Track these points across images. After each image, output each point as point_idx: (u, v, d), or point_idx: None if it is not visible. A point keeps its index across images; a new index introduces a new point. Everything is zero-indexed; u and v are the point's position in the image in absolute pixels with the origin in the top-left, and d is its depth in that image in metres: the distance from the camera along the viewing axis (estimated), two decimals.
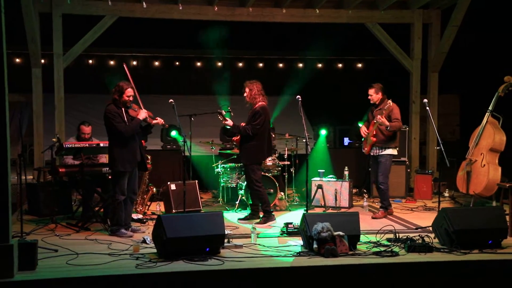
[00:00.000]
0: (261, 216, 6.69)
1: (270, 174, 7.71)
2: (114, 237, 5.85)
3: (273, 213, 6.70)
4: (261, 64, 13.20)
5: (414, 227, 6.38)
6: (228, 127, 6.74)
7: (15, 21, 7.88)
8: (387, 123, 6.83)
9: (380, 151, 7.07)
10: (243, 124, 6.63)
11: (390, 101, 6.82)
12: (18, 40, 8.63)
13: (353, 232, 5.24)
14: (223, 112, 6.69)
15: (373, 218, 6.96)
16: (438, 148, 6.54)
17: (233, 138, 6.97)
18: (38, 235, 5.92)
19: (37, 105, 8.65)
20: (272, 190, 7.50)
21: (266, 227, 6.42)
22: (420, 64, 9.50)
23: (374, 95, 7.13)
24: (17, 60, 11.78)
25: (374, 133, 7.02)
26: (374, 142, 7.04)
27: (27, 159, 10.75)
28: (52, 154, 7.05)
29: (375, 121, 6.97)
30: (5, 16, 4.42)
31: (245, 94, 6.65)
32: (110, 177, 6.43)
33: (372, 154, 7.14)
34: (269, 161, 7.71)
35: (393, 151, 7.11)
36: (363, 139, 7.31)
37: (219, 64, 13.04)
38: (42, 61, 8.93)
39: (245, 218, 6.84)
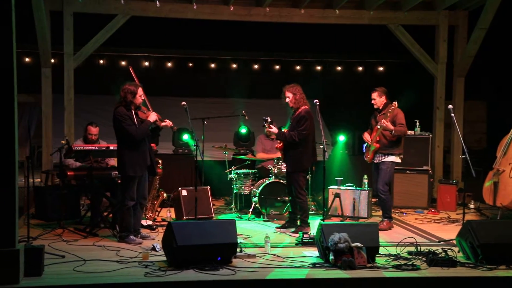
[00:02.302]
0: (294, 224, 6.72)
1: (285, 181, 7.70)
2: (123, 244, 5.88)
3: (309, 224, 6.72)
4: (277, 67, 13.22)
5: (437, 240, 6.33)
6: (270, 134, 6.74)
7: (25, 19, 7.98)
8: (392, 127, 6.80)
9: (383, 157, 7.02)
10: (285, 130, 6.66)
11: (395, 103, 6.76)
12: (28, 39, 8.76)
13: (371, 243, 5.20)
14: (268, 119, 6.68)
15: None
16: (463, 157, 6.48)
17: (276, 145, 6.98)
18: (45, 240, 5.98)
19: (46, 106, 8.74)
20: (287, 198, 7.49)
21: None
22: (445, 68, 9.43)
23: (377, 99, 7.10)
24: (27, 59, 11.92)
25: (378, 139, 6.99)
26: (377, 149, 7.01)
27: (35, 161, 10.88)
28: (60, 157, 7.10)
29: (378, 126, 6.94)
30: (15, 14, 4.48)
31: (287, 100, 6.63)
32: (119, 181, 6.48)
33: (375, 161, 7.11)
34: (284, 168, 7.71)
35: (396, 159, 7.05)
36: (365, 145, 7.31)
37: (234, 66, 13.08)
38: (52, 60, 9.02)
39: (283, 227, 6.85)
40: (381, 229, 6.81)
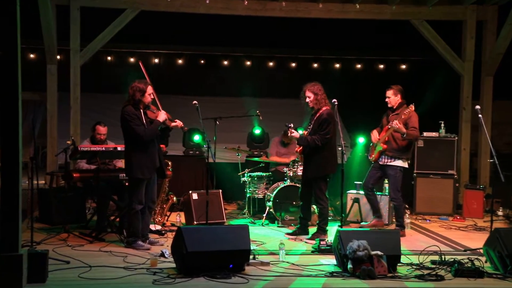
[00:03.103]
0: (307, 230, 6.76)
1: (300, 184, 7.68)
2: (130, 250, 5.91)
3: (327, 232, 6.71)
4: (293, 64, 13.17)
5: (463, 249, 6.29)
6: (291, 139, 6.73)
7: (30, 14, 8.06)
8: (404, 129, 6.76)
9: (389, 160, 7.00)
10: (304, 132, 6.66)
11: (412, 106, 6.74)
12: (33, 34, 8.81)
13: (393, 252, 5.19)
14: (291, 125, 6.67)
15: None
16: (491, 160, 6.43)
17: (296, 149, 6.97)
18: (49, 245, 6.03)
19: (51, 105, 8.82)
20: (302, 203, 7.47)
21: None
22: (472, 67, 9.37)
23: (392, 97, 7.07)
24: (31, 55, 12.02)
25: (386, 139, 6.97)
26: (383, 150, 6.99)
27: (40, 162, 10.97)
28: (66, 158, 7.18)
29: (389, 126, 6.92)
30: (20, 8, 4.53)
31: (307, 100, 6.62)
32: (127, 184, 6.51)
33: (380, 163, 7.08)
34: (301, 171, 7.69)
35: (404, 163, 7.02)
36: (371, 144, 7.29)
37: (248, 63, 13.07)
38: (58, 57, 9.12)
39: (294, 233, 6.84)
40: None
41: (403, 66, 13.35)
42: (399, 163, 6.98)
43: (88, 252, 5.83)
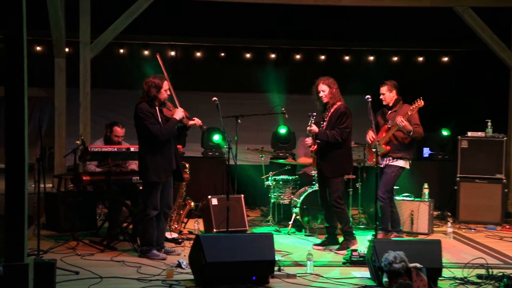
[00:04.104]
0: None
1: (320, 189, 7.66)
2: (144, 259, 5.95)
3: (355, 236, 6.68)
4: (323, 57, 13.14)
5: None
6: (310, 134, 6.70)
7: (37, 3, 8.15)
8: (410, 127, 6.79)
9: (391, 161, 7.00)
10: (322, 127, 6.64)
11: (421, 101, 6.72)
12: (40, 25, 8.91)
13: (433, 264, 5.15)
14: (314, 115, 6.65)
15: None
16: None
17: (311, 148, 6.96)
18: (57, 254, 6.11)
19: (59, 101, 8.90)
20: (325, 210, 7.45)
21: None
22: None
23: (387, 94, 7.10)
24: (38, 48, 12.17)
25: (388, 139, 6.95)
26: (387, 151, 6.97)
27: (47, 164, 11.10)
28: (75, 159, 7.24)
29: (389, 126, 6.92)
30: None
31: (321, 94, 6.61)
32: (141, 188, 6.55)
33: (381, 166, 7.04)
34: None
35: (405, 164, 7.03)
36: (366, 146, 7.29)
37: (273, 56, 13.07)
38: (67, 50, 9.18)
39: (322, 244, 6.81)
40: None
41: (445, 59, 13.21)
42: (401, 163, 7.00)
43: (99, 262, 5.88)
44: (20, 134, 4.52)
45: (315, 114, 6.65)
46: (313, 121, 6.58)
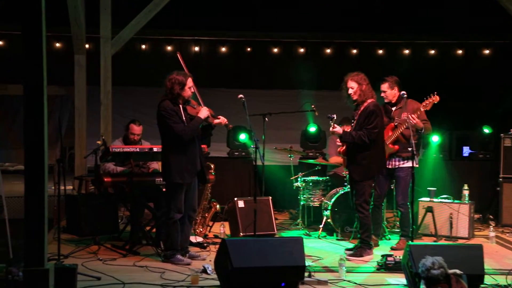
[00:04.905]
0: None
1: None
2: (168, 265, 5.99)
3: (372, 246, 6.63)
4: (355, 51, 13.07)
5: None
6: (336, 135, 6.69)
7: None
8: (422, 124, 6.79)
9: (401, 163, 6.94)
10: (347, 127, 6.61)
11: (436, 96, 6.67)
12: (59, 21, 9.00)
13: (474, 271, 5.11)
14: (334, 117, 6.63)
15: (392, 249, 6.83)
16: None
17: (339, 149, 6.93)
18: (77, 259, 6.18)
19: (79, 100, 8.99)
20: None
21: (360, 261, 6.32)
22: None
23: (388, 91, 7.05)
24: (57, 44, 12.31)
25: (395, 138, 6.90)
26: (395, 151, 6.90)
27: (67, 165, 11.23)
28: (96, 160, 7.30)
29: (395, 124, 6.86)
30: None
31: (350, 91, 6.58)
32: (164, 190, 6.59)
33: (388, 167, 6.95)
34: None
35: (416, 163, 6.85)
36: None
37: (302, 50, 13.04)
38: (87, 46, 9.27)
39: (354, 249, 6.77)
40: (395, 249, 6.81)
41: (486, 51, 13.03)
42: (410, 163, 6.86)
43: (121, 267, 5.93)
44: (39, 135, 4.57)
45: (334, 116, 6.59)
46: (333, 124, 6.53)
